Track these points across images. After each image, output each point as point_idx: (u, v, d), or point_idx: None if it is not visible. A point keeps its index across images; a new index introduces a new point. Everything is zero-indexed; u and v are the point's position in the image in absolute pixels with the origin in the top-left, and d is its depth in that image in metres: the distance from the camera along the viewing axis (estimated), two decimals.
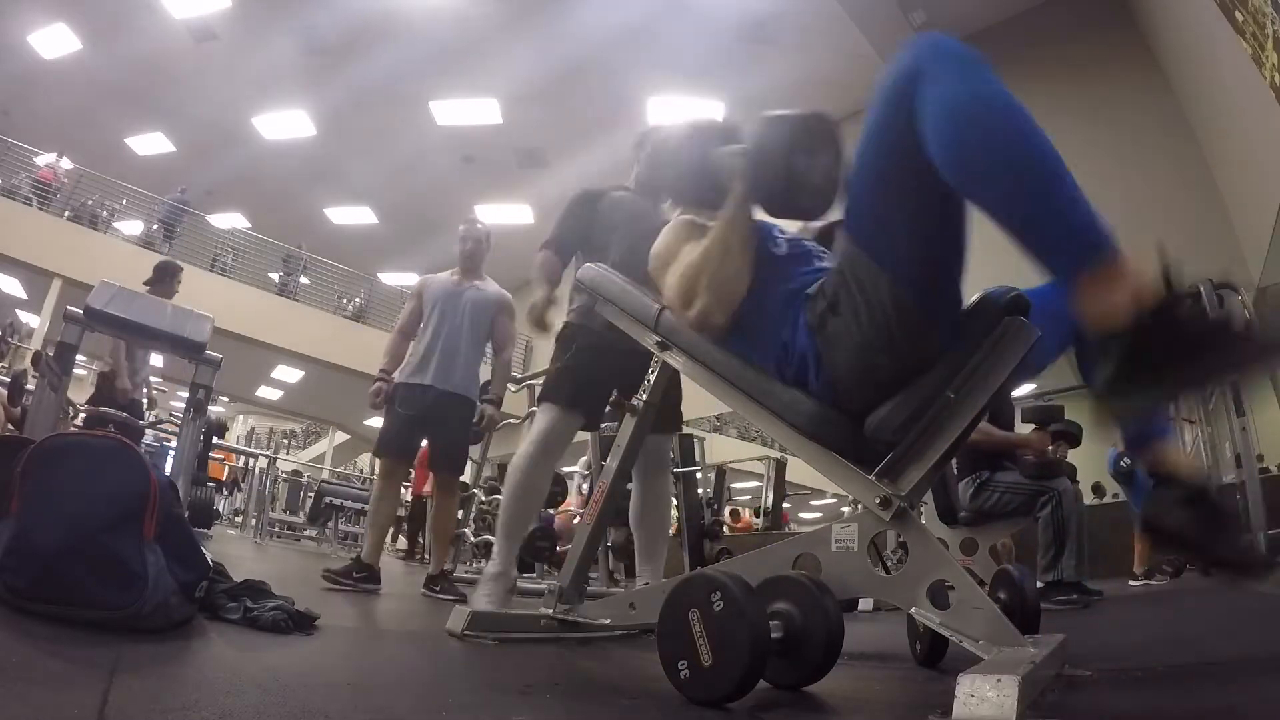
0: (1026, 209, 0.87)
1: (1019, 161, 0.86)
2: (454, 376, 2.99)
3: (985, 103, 0.88)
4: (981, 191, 0.89)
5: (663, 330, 1.44)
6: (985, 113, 0.88)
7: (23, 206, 8.98)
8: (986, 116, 0.87)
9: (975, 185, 0.90)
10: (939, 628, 1.00)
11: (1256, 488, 3.38)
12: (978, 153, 0.87)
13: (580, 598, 1.63)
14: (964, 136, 0.87)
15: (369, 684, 1.09)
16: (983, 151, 0.87)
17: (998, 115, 0.87)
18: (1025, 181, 0.86)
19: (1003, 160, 0.86)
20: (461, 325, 3.03)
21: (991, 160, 0.86)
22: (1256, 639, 1.59)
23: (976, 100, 0.88)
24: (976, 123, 0.87)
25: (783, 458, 7.36)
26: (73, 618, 1.08)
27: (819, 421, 1.14)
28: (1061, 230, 0.86)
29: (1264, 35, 3.79)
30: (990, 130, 0.87)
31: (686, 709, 0.96)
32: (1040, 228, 0.87)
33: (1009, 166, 0.86)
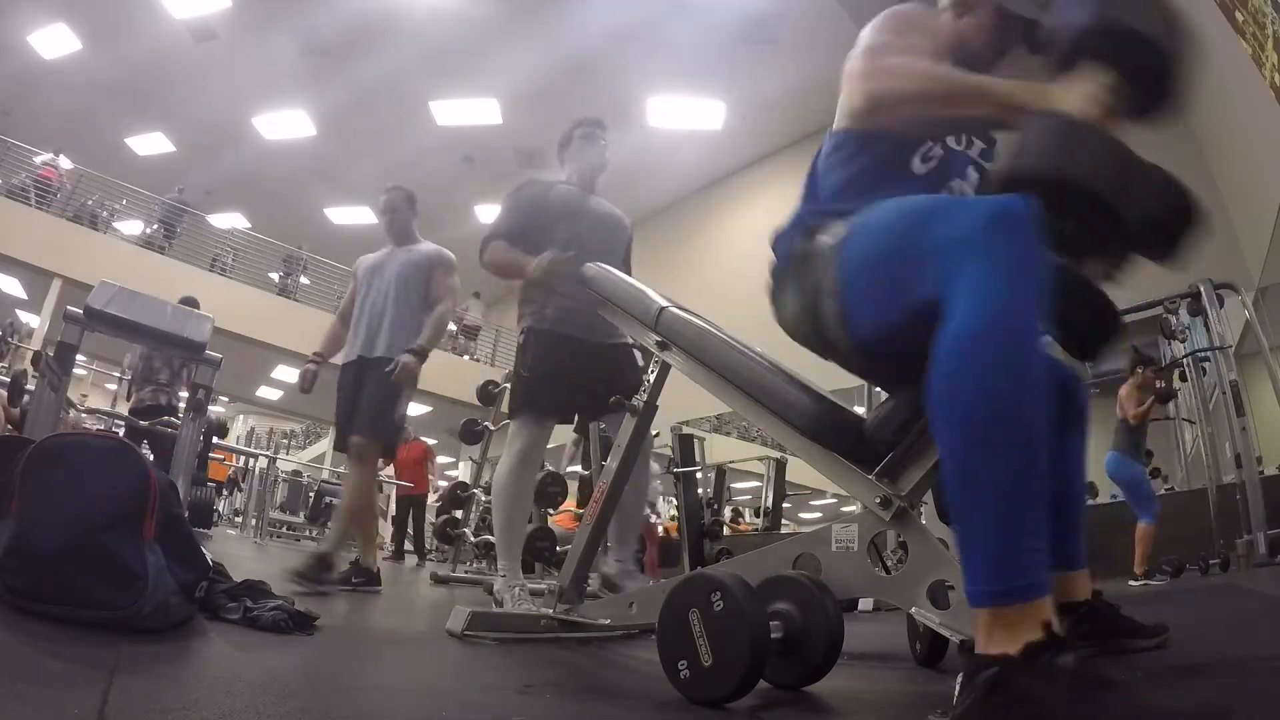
0: (965, 493, 0.80)
1: (984, 444, 0.78)
2: (379, 342, 2.81)
3: (996, 360, 0.79)
4: (939, 429, 0.83)
5: (663, 329, 1.44)
6: (987, 371, 0.79)
7: (23, 206, 8.97)
8: (985, 375, 0.79)
9: (936, 422, 0.83)
10: (939, 628, 1.00)
11: (1256, 488, 3.38)
12: (952, 403, 0.81)
13: (580, 598, 1.63)
14: (953, 381, 0.81)
15: (369, 684, 1.09)
16: (956, 406, 0.80)
17: (999, 383, 0.78)
18: (981, 463, 0.79)
19: (968, 432, 0.79)
20: (388, 292, 2.87)
21: (959, 419, 0.80)
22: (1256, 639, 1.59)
23: (992, 351, 0.79)
24: (972, 373, 0.79)
25: (783, 458, 7.36)
26: (73, 618, 1.08)
27: (819, 422, 1.14)
28: (984, 546, 0.78)
29: (1264, 35, 3.79)
30: (977, 396, 0.79)
31: (686, 709, 0.96)
32: (968, 521, 0.80)
33: (972, 441, 0.79)
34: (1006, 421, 0.78)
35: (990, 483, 0.78)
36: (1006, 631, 0.75)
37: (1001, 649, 0.75)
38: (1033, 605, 0.76)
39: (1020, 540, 0.77)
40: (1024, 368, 0.79)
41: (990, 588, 0.77)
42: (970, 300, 0.81)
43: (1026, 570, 0.77)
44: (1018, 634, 0.75)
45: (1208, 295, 3.89)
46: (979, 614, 0.78)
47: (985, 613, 0.77)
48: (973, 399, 0.79)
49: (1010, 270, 0.81)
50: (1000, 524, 0.77)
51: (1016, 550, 0.77)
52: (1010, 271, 0.81)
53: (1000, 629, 0.76)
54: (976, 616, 0.79)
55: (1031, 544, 0.77)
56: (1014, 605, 0.76)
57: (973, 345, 0.80)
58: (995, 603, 0.77)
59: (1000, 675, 0.73)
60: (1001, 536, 0.77)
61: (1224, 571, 3.36)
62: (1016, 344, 0.80)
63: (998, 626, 0.76)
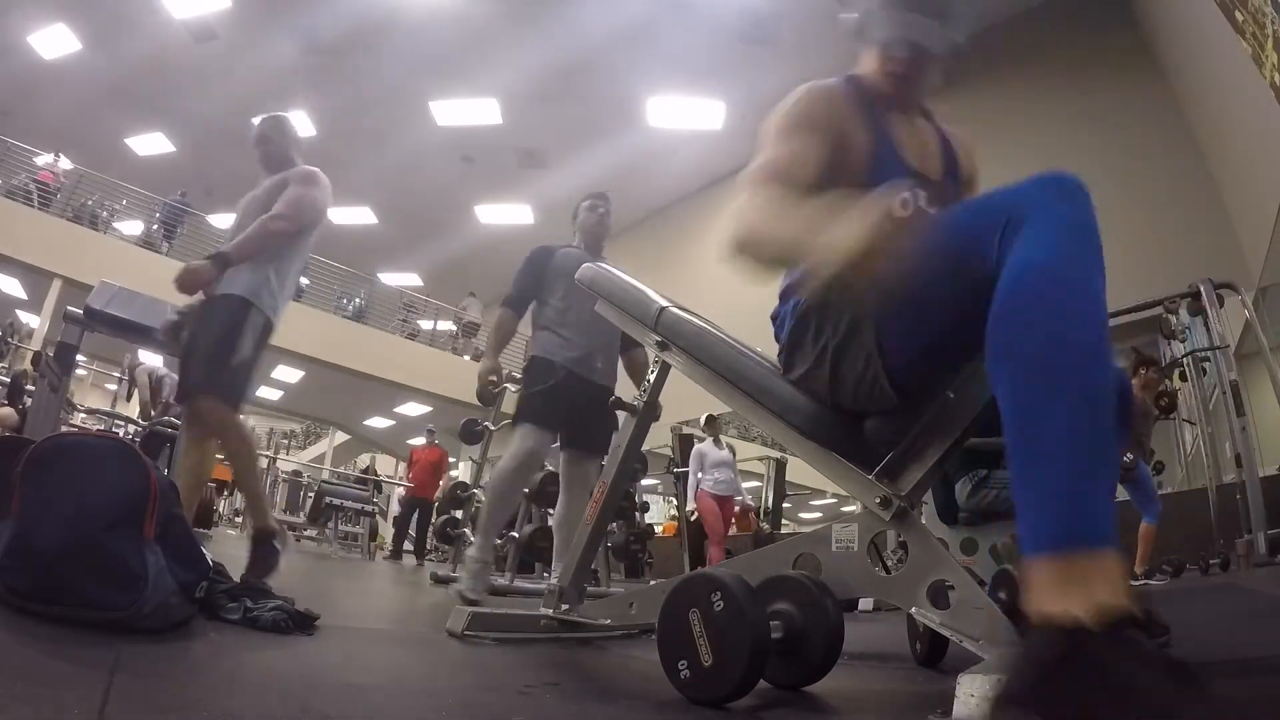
0: (1028, 434, 0.72)
1: (1059, 373, 0.72)
2: (220, 281, 2.27)
3: (1071, 292, 0.75)
4: (997, 368, 0.77)
5: (663, 329, 1.44)
6: (1062, 300, 0.74)
7: (23, 207, 8.97)
8: (1060, 303, 0.74)
9: (999, 358, 0.77)
10: (939, 628, 1.00)
11: (1256, 488, 3.38)
12: (1024, 336, 0.75)
13: (580, 598, 1.63)
14: (1024, 313, 0.76)
15: (369, 684, 1.09)
16: (1028, 339, 0.74)
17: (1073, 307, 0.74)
18: (1052, 396, 0.71)
19: (1045, 361, 0.73)
20: (239, 221, 2.43)
21: (1031, 352, 0.74)
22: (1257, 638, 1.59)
23: (1068, 282, 0.75)
24: (1045, 304, 0.75)
25: (783, 458, 7.36)
26: (73, 618, 1.08)
27: (819, 422, 1.14)
28: (1051, 486, 0.70)
29: (1264, 35, 3.79)
30: (1054, 326, 0.73)
31: (686, 709, 0.96)
32: (1032, 466, 0.71)
33: (1048, 371, 0.72)
34: (1084, 353, 0.72)
35: (1063, 417, 0.70)
36: (1077, 587, 0.64)
37: (1070, 609, 0.63)
38: (1106, 556, 0.65)
39: (1094, 481, 0.68)
40: (1096, 305, 0.74)
41: (1060, 530, 0.67)
42: (1037, 242, 0.78)
43: (1100, 515, 0.68)
44: (1092, 590, 0.63)
45: (1208, 295, 3.89)
46: (1037, 568, 0.67)
47: (1049, 564, 0.66)
48: (1049, 330, 0.73)
49: (1073, 223, 0.78)
50: (1072, 461, 0.69)
51: (1090, 490, 0.68)
52: (1073, 224, 0.78)
53: (1069, 583, 0.64)
54: (1033, 571, 0.67)
55: (1104, 490, 0.69)
56: (1086, 552, 0.65)
57: (1043, 278, 0.75)
58: (1065, 547, 0.66)
59: (1073, 643, 0.61)
60: (1073, 473, 0.68)
61: (1224, 571, 3.37)
62: (1088, 280, 0.75)
63: (1066, 579, 0.65)
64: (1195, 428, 4.80)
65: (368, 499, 8.38)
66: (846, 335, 1.04)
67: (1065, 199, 0.80)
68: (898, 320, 0.97)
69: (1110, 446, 0.71)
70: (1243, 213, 5.45)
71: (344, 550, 7.79)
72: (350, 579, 4.03)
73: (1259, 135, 4.55)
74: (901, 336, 0.98)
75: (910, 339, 0.97)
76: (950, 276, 0.88)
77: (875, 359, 1.00)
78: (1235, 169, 5.43)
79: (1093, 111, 6.47)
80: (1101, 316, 0.74)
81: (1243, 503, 3.41)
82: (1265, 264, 5.13)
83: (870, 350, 1.00)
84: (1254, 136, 4.68)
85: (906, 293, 0.89)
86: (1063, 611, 0.63)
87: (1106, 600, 0.62)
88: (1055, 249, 0.77)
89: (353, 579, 4.07)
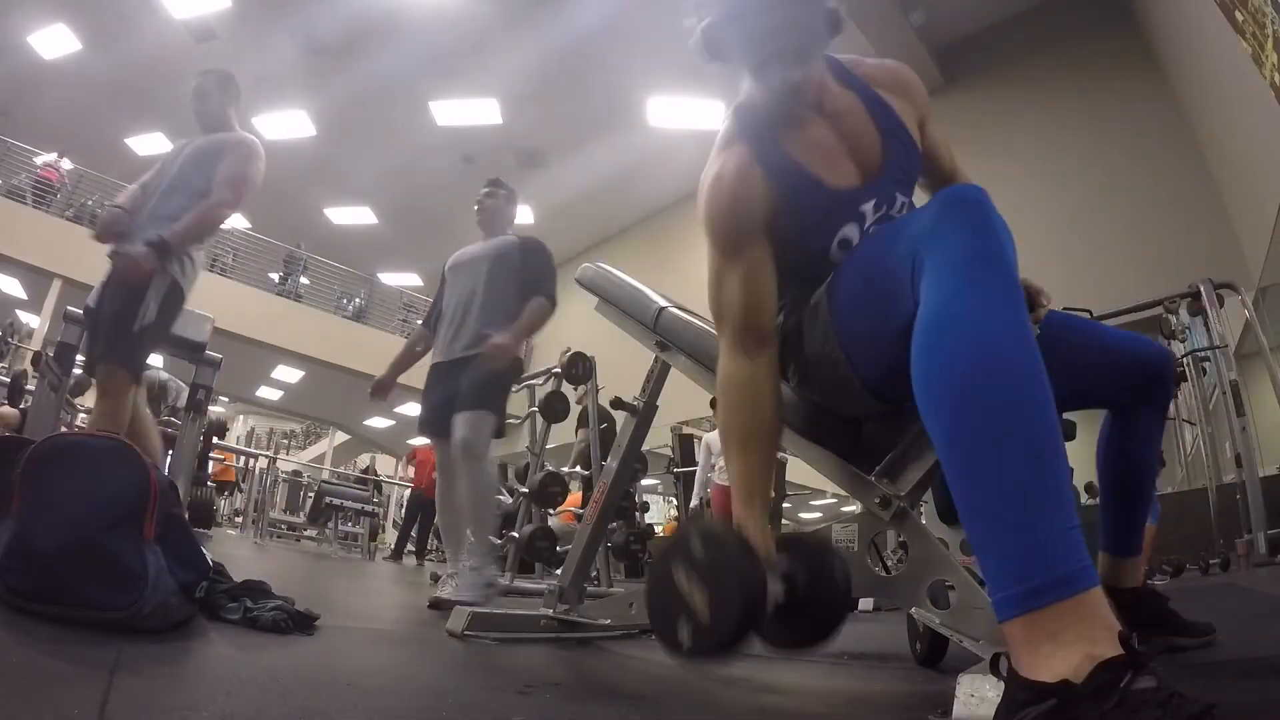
0: (964, 493, 0.67)
1: (971, 415, 0.67)
2: (136, 236, 2.19)
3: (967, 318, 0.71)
4: (928, 422, 0.73)
5: (662, 329, 1.44)
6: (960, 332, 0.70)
7: (23, 206, 8.98)
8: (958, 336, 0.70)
9: (924, 416, 0.73)
10: (939, 628, 1.00)
11: (1256, 488, 3.37)
12: (928, 386, 0.72)
13: (580, 598, 1.63)
14: (927, 361, 0.73)
15: (369, 684, 1.08)
16: (932, 388, 0.71)
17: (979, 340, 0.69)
18: (970, 449, 0.66)
19: (954, 408, 0.69)
20: (162, 183, 2.32)
21: (938, 400, 0.70)
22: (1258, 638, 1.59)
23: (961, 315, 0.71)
24: (942, 351, 0.71)
25: (783, 458, 7.35)
26: (73, 618, 1.08)
27: (818, 422, 1.14)
28: (996, 544, 0.64)
29: (1264, 35, 3.79)
30: (949, 370, 0.70)
31: (687, 709, 0.96)
32: (976, 526, 0.66)
33: (959, 415, 0.68)
34: (999, 394, 0.66)
35: (991, 466, 0.65)
36: (1055, 644, 0.58)
37: (1055, 670, 0.57)
38: (1082, 601, 0.59)
39: (1049, 520, 0.61)
40: (1001, 339, 0.69)
41: (1021, 587, 0.60)
42: (935, 284, 0.75)
43: (1060, 558, 0.60)
44: (1073, 645, 0.57)
45: (1208, 295, 3.89)
46: (1011, 631, 0.62)
47: (1020, 624, 0.61)
48: (958, 381, 0.69)
49: (966, 253, 0.74)
50: (1010, 511, 0.63)
51: (1046, 532, 0.61)
52: (966, 255, 0.74)
53: (1045, 641, 0.59)
54: (1009, 635, 0.62)
55: (1063, 523, 0.61)
56: (1054, 604, 0.59)
57: (944, 326, 0.72)
58: (1027, 606, 0.60)
59: (1060, 709, 0.55)
60: (1014, 524, 0.62)
61: (1224, 571, 3.36)
62: (988, 315, 0.70)
63: (1041, 638, 0.59)
64: (1195, 428, 4.80)
65: (368, 499, 8.38)
66: (823, 356, 1.05)
67: (958, 225, 0.76)
68: (861, 340, 0.98)
69: (1054, 478, 0.64)
70: (1243, 213, 5.45)
71: (344, 550, 7.79)
72: (350, 579, 4.03)
73: (1259, 135, 4.55)
74: (870, 354, 0.98)
75: (873, 360, 0.98)
76: (883, 318, 0.88)
77: (852, 379, 1.01)
78: (1235, 169, 5.42)
79: (1092, 111, 6.47)
80: (1014, 347, 0.69)
81: (1243, 503, 3.40)
82: (1265, 264, 5.12)
83: (846, 369, 1.01)
84: (1254, 136, 4.68)
85: (860, 315, 0.94)
86: (1050, 677, 0.57)
87: (1091, 650, 0.56)
88: (951, 290, 0.73)
89: (353, 579, 4.07)
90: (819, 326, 1.04)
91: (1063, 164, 6.52)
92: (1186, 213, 5.81)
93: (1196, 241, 5.63)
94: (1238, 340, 4.44)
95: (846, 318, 0.99)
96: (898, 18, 6.99)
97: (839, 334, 1.00)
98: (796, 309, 1.12)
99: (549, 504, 3.82)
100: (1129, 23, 6.50)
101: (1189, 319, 4.27)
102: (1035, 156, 6.57)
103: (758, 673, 1.41)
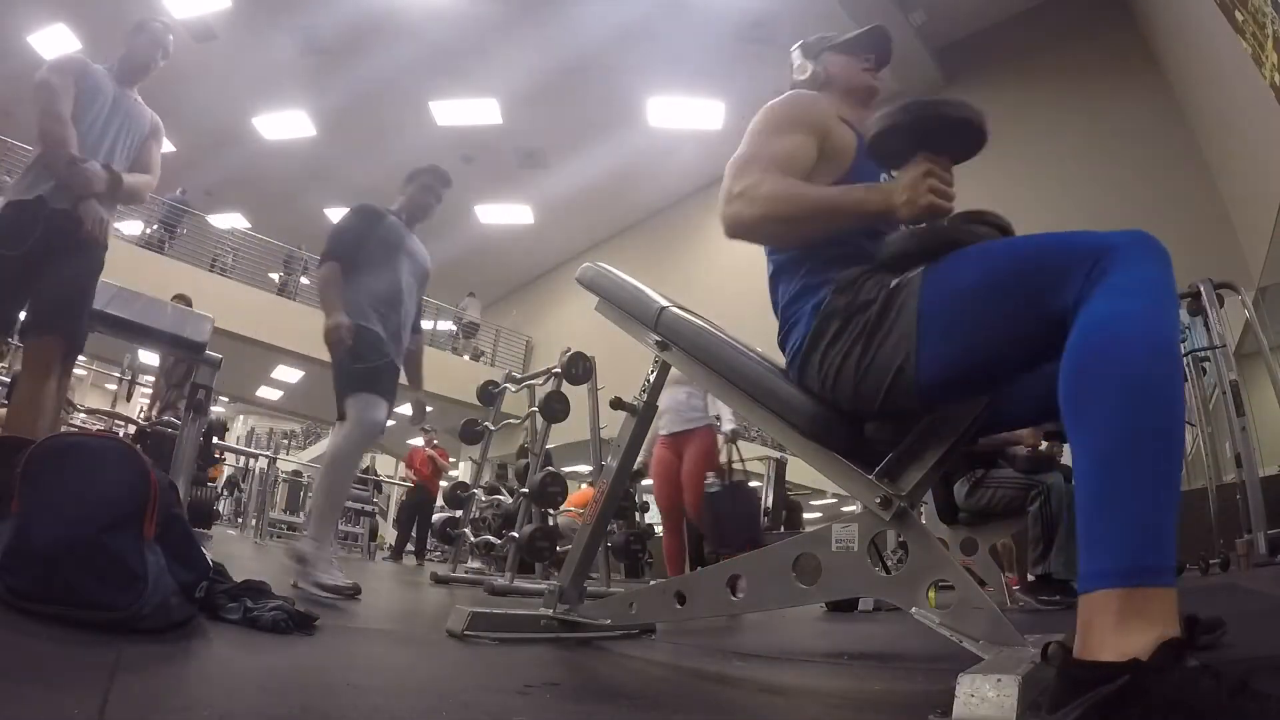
0: (1114, 472, 0.74)
1: (1148, 414, 0.75)
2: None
3: (1154, 347, 0.77)
4: (1081, 406, 0.79)
5: (663, 329, 1.44)
6: (1143, 355, 0.77)
7: None
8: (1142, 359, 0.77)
9: (1081, 396, 0.79)
10: (939, 628, 1.00)
11: (1256, 488, 3.38)
12: (1114, 375, 0.77)
13: (580, 598, 1.63)
14: (1118, 350, 0.78)
15: (369, 684, 1.08)
16: (1119, 378, 0.76)
17: (1157, 366, 0.77)
18: (1135, 436, 0.74)
19: (1135, 402, 0.75)
20: (109, 136, 2.30)
21: (1124, 389, 0.76)
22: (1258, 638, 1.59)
23: (1149, 339, 0.77)
24: (1136, 345, 0.77)
25: (783, 458, 7.36)
26: (73, 618, 1.08)
27: (819, 422, 1.14)
28: (1131, 521, 0.71)
29: (1264, 35, 3.79)
30: (1139, 366, 0.76)
31: (687, 709, 0.96)
32: (1112, 503, 0.73)
33: (1139, 412, 0.75)
34: (1169, 399, 0.76)
35: (1147, 458, 0.73)
36: (1142, 621, 0.65)
37: (1131, 647, 0.64)
38: (1169, 591, 0.67)
39: (1168, 515, 0.71)
40: (1177, 357, 0.78)
41: (1134, 563, 0.68)
42: (1127, 292, 0.80)
43: (1169, 550, 0.70)
44: (1152, 626, 0.65)
45: (1208, 295, 3.89)
46: (1103, 601, 0.68)
47: (1116, 597, 0.67)
48: (1138, 376, 0.75)
49: (1160, 282, 0.81)
50: (1154, 499, 0.71)
51: (1166, 526, 0.70)
52: (1160, 283, 0.81)
53: (1134, 617, 0.66)
54: (1098, 606, 0.69)
55: (1173, 520, 0.71)
56: (1154, 587, 0.67)
57: (1134, 328, 0.78)
58: (1134, 581, 0.67)
59: (1132, 684, 0.61)
60: (1153, 510, 0.70)
61: (1224, 571, 3.36)
62: (1171, 333, 0.79)
63: (1131, 613, 0.66)
64: (1195, 428, 4.80)
65: (368, 499, 8.38)
66: (879, 343, 1.03)
67: (1152, 258, 0.83)
68: (945, 336, 0.97)
69: (1178, 479, 0.74)
70: (1243, 213, 5.45)
71: (344, 550, 7.79)
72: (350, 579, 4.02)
73: (1259, 135, 4.55)
74: (945, 353, 0.97)
75: (954, 357, 0.97)
76: (1023, 304, 0.90)
77: (909, 371, 0.99)
78: (1235, 169, 5.43)
79: (1092, 111, 6.48)
80: (1180, 368, 0.78)
81: (1243, 503, 3.41)
82: (1265, 264, 5.13)
83: (904, 362, 1.00)
84: (1254, 136, 4.68)
85: (967, 310, 0.95)
86: (1122, 646, 0.64)
87: (1164, 632, 0.64)
88: (1144, 302, 0.79)
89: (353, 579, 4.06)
90: (890, 319, 1.02)
91: (1062, 164, 6.52)
92: (1186, 213, 5.82)
93: (1196, 241, 5.63)
94: (1237, 340, 4.44)
95: (941, 314, 0.98)
96: (898, 18, 7.00)
97: (920, 333, 0.99)
98: (844, 289, 1.10)
99: (549, 504, 3.82)
100: (1129, 23, 6.50)
101: (1189, 319, 4.27)
102: (1035, 156, 6.57)
103: (758, 673, 1.41)
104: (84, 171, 1.99)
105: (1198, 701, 0.59)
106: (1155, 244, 0.84)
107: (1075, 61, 6.72)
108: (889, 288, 1.05)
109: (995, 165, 6.53)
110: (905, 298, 1.01)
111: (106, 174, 2.02)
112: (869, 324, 1.04)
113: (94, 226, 2.01)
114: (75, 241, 1.99)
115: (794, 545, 1.21)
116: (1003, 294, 0.92)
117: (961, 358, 0.96)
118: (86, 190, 2.01)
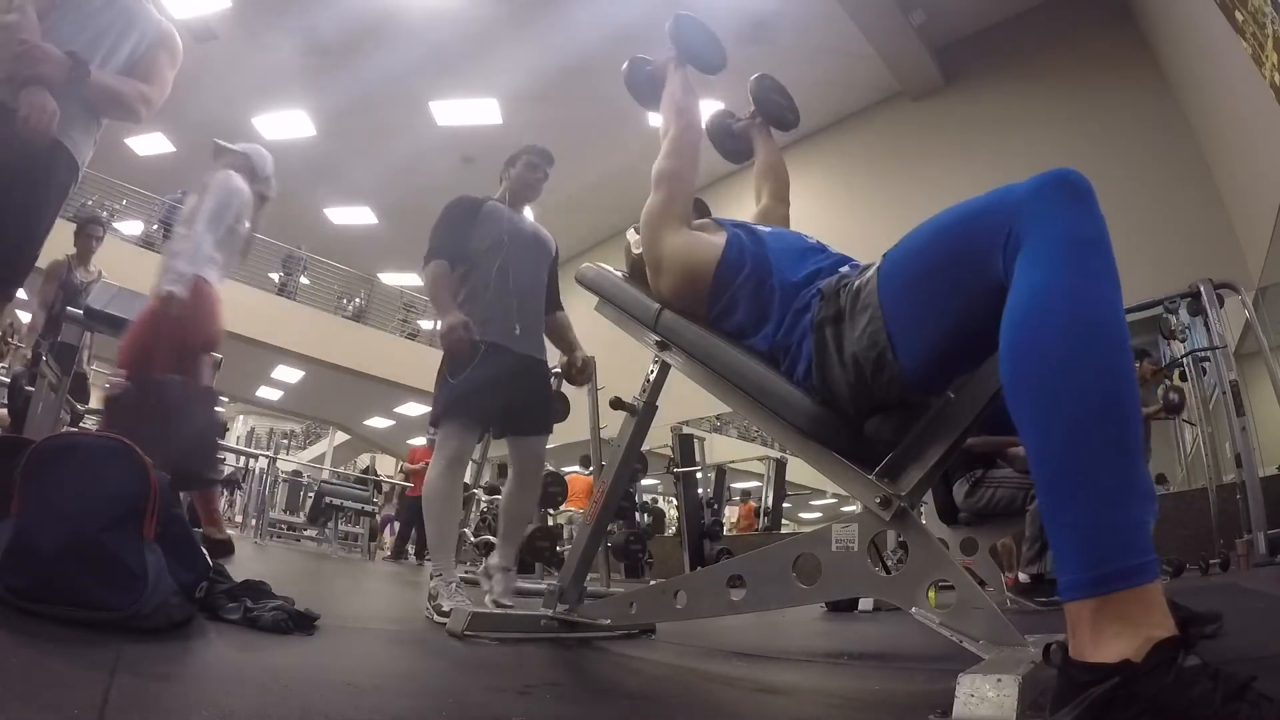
0: (1052, 470, 0.69)
1: (1077, 400, 0.68)
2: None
3: (1087, 314, 0.71)
4: (1016, 401, 0.73)
5: (662, 330, 1.44)
6: (1077, 326, 0.71)
7: None
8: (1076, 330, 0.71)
9: (1014, 391, 0.74)
10: (939, 628, 1.00)
11: (1257, 488, 3.38)
12: (1037, 360, 0.71)
13: (580, 598, 1.63)
14: (1037, 334, 0.72)
15: (369, 684, 1.08)
16: (1042, 363, 0.71)
17: (1093, 334, 0.70)
18: (1069, 428, 0.68)
19: (1060, 389, 0.69)
20: (97, 33, 1.83)
21: (1048, 376, 0.70)
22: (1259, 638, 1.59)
23: (1080, 308, 0.72)
24: (1059, 325, 0.71)
25: (783, 458, 7.36)
26: (73, 618, 1.08)
27: (818, 421, 1.14)
28: (1079, 524, 0.67)
29: (1264, 35, 3.79)
30: (1065, 347, 0.70)
31: (687, 709, 0.96)
32: (1060, 496, 0.69)
33: (1067, 399, 0.69)
34: (1105, 379, 0.69)
35: (1086, 449, 0.67)
36: (1121, 625, 0.63)
37: (1118, 651, 0.62)
38: (1147, 590, 0.64)
39: (1127, 510, 0.66)
40: (1111, 324, 0.71)
41: (1096, 571, 0.65)
42: (1042, 261, 0.75)
43: (1137, 546, 0.65)
44: (1137, 628, 0.62)
45: (1208, 295, 3.89)
46: (1078, 611, 0.66)
47: (1089, 606, 0.65)
48: (1066, 360, 0.70)
49: (1077, 235, 0.75)
50: (1100, 494, 0.66)
51: (1123, 521, 0.66)
52: (1078, 236, 0.75)
53: (1112, 622, 0.63)
54: (1075, 615, 0.67)
55: (1138, 515, 0.66)
56: (1126, 590, 0.64)
57: (1052, 301, 0.72)
58: (1103, 589, 0.64)
59: (1122, 686, 0.60)
60: (1104, 507, 0.66)
61: (1224, 571, 3.36)
62: (1100, 298, 0.72)
63: (1108, 620, 0.63)
64: (1195, 428, 4.80)
65: (368, 499, 8.38)
66: (859, 340, 1.03)
67: (1066, 205, 0.76)
68: (917, 320, 0.96)
69: (1136, 469, 0.67)
70: (1243, 213, 5.45)
71: (344, 550, 7.79)
72: (350, 579, 4.03)
73: (1259, 135, 4.55)
74: (918, 336, 0.97)
75: (928, 339, 0.96)
76: (968, 276, 0.86)
77: (891, 361, 0.99)
78: (1235, 169, 5.42)
79: (1092, 111, 6.47)
80: (1119, 335, 0.71)
81: (1243, 503, 3.40)
82: (1265, 264, 5.13)
83: (883, 354, 1.00)
84: (1254, 136, 4.68)
85: (915, 298, 0.92)
86: (1113, 658, 0.62)
87: (1151, 633, 0.62)
88: (1062, 268, 0.73)
89: (353, 579, 4.07)
90: (859, 314, 1.03)
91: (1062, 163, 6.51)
92: (1186, 213, 5.82)
93: (1196, 241, 5.64)
94: (1237, 340, 4.44)
95: (899, 298, 0.98)
96: (898, 17, 6.99)
97: (886, 319, 0.98)
98: (829, 299, 1.10)
99: (549, 504, 3.82)
100: (1129, 23, 6.50)
101: (1189, 319, 4.27)
102: (1034, 156, 6.57)
103: (758, 673, 1.41)
104: (31, 50, 1.52)
105: (1189, 705, 0.57)
106: (1066, 185, 0.77)
107: (1075, 61, 6.71)
108: (851, 290, 1.06)
109: (995, 165, 6.50)
110: (868, 295, 1.02)
111: (68, 59, 1.58)
112: (850, 324, 1.06)
113: (32, 115, 1.51)
114: (8, 142, 1.53)
115: (794, 545, 1.21)
116: (944, 271, 0.90)
117: (936, 339, 0.95)
118: (30, 70, 1.52)
